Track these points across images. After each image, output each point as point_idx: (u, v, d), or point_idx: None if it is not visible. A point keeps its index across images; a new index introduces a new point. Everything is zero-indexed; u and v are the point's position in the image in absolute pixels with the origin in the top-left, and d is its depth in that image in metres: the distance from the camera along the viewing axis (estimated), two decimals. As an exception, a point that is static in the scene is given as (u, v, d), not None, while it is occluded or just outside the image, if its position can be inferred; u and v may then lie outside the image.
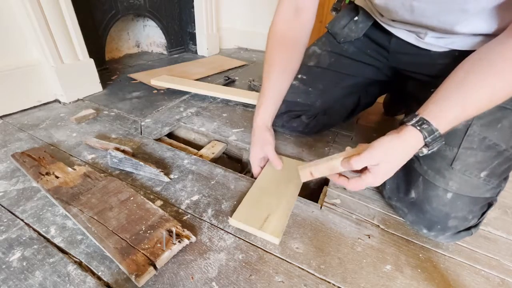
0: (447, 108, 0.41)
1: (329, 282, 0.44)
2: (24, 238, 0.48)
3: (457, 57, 0.44)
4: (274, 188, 0.61)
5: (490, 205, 0.50)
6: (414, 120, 0.41)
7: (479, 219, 0.50)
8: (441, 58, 0.57)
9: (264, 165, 0.67)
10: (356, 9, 0.70)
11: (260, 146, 0.64)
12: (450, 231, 0.50)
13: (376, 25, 0.67)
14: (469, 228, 0.50)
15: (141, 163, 0.63)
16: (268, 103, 0.64)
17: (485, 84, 0.39)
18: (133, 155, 0.70)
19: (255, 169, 0.66)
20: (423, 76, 0.63)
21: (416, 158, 0.53)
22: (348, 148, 0.47)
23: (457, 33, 0.50)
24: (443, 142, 0.42)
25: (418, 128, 0.41)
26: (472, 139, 0.47)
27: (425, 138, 0.40)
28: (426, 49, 0.58)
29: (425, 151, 0.42)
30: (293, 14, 0.61)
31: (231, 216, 0.53)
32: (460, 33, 0.49)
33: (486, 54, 0.41)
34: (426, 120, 0.41)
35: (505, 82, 0.39)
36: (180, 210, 0.55)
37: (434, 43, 0.56)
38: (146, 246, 0.45)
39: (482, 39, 0.49)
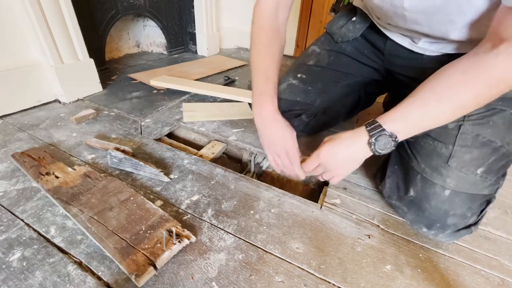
0: (392, 112, 0.47)
1: (329, 282, 0.45)
2: (24, 238, 0.48)
3: (446, 62, 0.45)
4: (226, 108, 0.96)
5: (488, 202, 0.50)
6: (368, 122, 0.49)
7: (478, 216, 0.50)
8: (432, 63, 0.58)
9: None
10: (354, 10, 0.71)
11: (282, 141, 0.57)
12: (449, 229, 0.50)
13: (373, 27, 0.67)
14: (468, 226, 0.51)
15: (141, 163, 0.63)
16: (273, 91, 0.59)
17: (427, 99, 0.44)
18: (133, 155, 0.70)
19: (279, 167, 0.60)
20: (414, 80, 0.64)
21: (414, 157, 0.53)
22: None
23: (449, 39, 0.51)
24: (389, 136, 0.46)
25: (365, 124, 0.49)
26: (466, 136, 0.48)
27: (366, 127, 0.48)
28: (419, 53, 0.59)
29: (372, 141, 0.47)
30: (275, 7, 0.59)
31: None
32: (452, 40, 0.51)
33: (440, 73, 0.44)
34: (375, 120, 0.48)
35: (441, 101, 0.42)
36: (180, 210, 0.55)
37: (427, 47, 0.57)
38: (146, 246, 0.45)
39: (473, 43, 0.50)
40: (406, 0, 0.48)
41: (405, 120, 0.45)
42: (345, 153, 0.50)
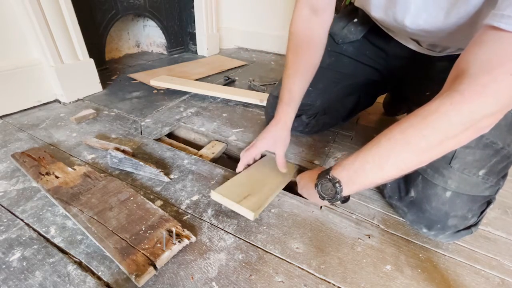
0: (344, 159, 0.47)
1: (329, 282, 0.44)
2: (24, 238, 0.48)
3: (454, 58, 0.45)
4: (260, 177, 0.63)
5: (489, 203, 0.50)
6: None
7: (478, 217, 0.50)
8: (439, 61, 0.58)
9: (249, 165, 0.67)
10: (356, 11, 0.71)
11: (273, 142, 0.63)
12: (450, 230, 0.50)
13: (375, 28, 0.67)
14: (469, 227, 0.51)
15: (141, 163, 0.63)
16: (293, 104, 0.63)
17: (369, 153, 0.43)
18: (133, 155, 0.70)
19: (242, 164, 0.65)
20: (420, 79, 0.64)
21: None
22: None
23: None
24: (329, 181, 0.47)
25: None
26: None
27: (320, 171, 0.50)
28: (425, 54, 0.59)
29: (316, 183, 0.50)
30: (310, 14, 0.59)
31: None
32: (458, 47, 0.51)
33: (390, 130, 0.42)
34: (331, 167, 0.49)
35: (382, 158, 0.41)
36: (180, 210, 0.55)
37: (432, 49, 0.57)
38: (146, 246, 0.45)
39: None
40: (408, 19, 0.47)
41: (348, 168, 0.46)
42: (307, 193, 0.58)
